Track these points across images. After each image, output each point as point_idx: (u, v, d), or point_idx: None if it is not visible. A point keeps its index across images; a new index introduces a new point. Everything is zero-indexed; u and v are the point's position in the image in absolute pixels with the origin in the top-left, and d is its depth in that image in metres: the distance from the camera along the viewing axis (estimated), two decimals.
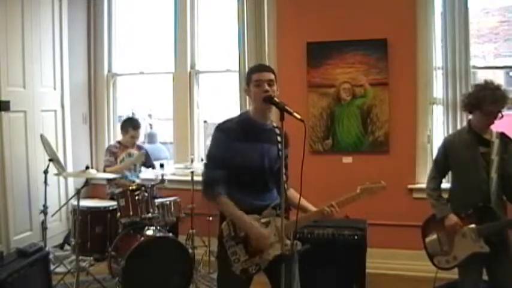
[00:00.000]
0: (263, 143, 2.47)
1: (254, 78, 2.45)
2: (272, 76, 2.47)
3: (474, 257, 2.84)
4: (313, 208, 2.50)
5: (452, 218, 2.89)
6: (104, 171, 4.48)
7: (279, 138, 2.49)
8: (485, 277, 2.97)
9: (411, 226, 3.55)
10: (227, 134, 2.45)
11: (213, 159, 2.47)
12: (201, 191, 2.50)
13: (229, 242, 2.41)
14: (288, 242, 2.35)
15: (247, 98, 4.19)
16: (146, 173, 4.66)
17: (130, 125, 4.66)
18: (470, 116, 2.98)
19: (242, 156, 2.43)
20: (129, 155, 4.66)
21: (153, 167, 4.73)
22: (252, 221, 2.38)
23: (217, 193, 2.41)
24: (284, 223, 2.29)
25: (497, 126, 2.95)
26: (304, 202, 2.47)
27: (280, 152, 2.47)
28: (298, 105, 3.97)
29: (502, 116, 2.85)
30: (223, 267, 2.47)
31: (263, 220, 2.43)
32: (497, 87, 2.84)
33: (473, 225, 2.84)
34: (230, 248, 2.40)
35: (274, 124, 2.55)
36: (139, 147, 4.85)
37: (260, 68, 2.55)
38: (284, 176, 2.35)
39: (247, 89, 2.52)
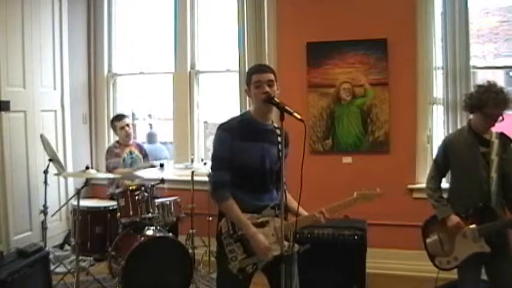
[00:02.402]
0: (264, 143, 2.47)
1: (254, 79, 2.45)
2: (272, 76, 2.47)
3: (474, 257, 2.84)
4: (305, 213, 2.49)
5: (454, 219, 2.89)
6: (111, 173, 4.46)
7: (279, 139, 2.49)
8: (484, 276, 2.97)
9: (411, 226, 3.55)
10: (230, 133, 2.45)
11: (220, 160, 2.46)
12: (210, 193, 2.48)
13: (228, 239, 2.41)
14: (286, 243, 2.36)
15: (248, 98, 4.21)
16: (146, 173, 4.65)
17: (114, 119, 4.73)
18: (471, 116, 2.97)
19: (243, 155, 2.43)
20: (130, 152, 4.66)
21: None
22: (255, 229, 2.38)
23: (226, 196, 2.42)
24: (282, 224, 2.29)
25: (496, 126, 2.94)
26: (300, 210, 2.44)
27: (280, 153, 2.47)
28: (298, 105, 3.99)
29: (503, 119, 2.85)
30: (222, 266, 2.47)
31: (259, 220, 2.43)
32: (501, 90, 2.83)
33: (474, 225, 2.84)
34: (228, 245, 2.40)
35: (276, 125, 2.55)
36: (140, 147, 4.85)
37: (259, 68, 2.54)
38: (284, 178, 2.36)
39: (247, 89, 2.52)
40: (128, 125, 4.70)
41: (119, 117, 4.73)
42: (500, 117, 2.84)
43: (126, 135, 4.67)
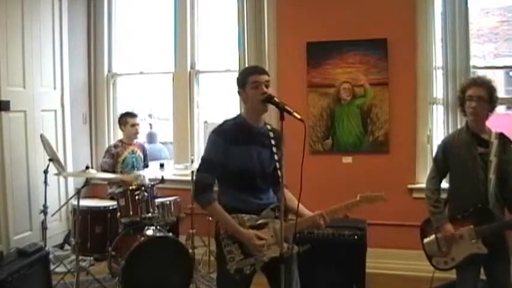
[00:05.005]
0: (256, 145, 2.48)
1: (251, 80, 2.44)
2: (268, 77, 2.48)
3: (472, 257, 2.83)
4: (308, 212, 2.50)
5: (448, 229, 2.88)
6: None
7: (272, 142, 2.51)
8: (482, 277, 2.96)
9: (411, 226, 3.55)
10: (224, 137, 2.44)
11: (208, 164, 2.46)
12: (193, 196, 2.50)
13: (226, 240, 2.41)
14: (285, 244, 2.36)
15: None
16: (146, 172, 4.65)
17: (127, 115, 4.72)
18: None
19: (236, 159, 2.43)
20: (133, 152, 4.66)
21: (147, 166, 4.77)
22: (246, 227, 2.39)
23: (210, 199, 2.43)
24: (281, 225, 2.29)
25: (497, 126, 2.94)
26: (301, 208, 2.45)
27: (275, 155, 2.49)
28: (298, 105, 3.98)
29: (492, 109, 2.85)
30: (221, 266, 2.47)
31: (260, 221, 2.43)
32: (479, 76, 2.86)
33: (471, 226, 2.84)
34: (226, 246, 2.41)
35: (269, 127, 2.56)
36: (142, 147, 4.86)
37: (257, 70, 2.54)
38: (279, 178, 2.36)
39: (241, 91, 2.51)
40: (138, 124, 4.74)
41: (132, 114, 4.74)
42: (487, 106, 2.82)
43: (135, 133, 4.70)
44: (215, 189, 2.50)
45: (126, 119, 4.69)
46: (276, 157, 2.49)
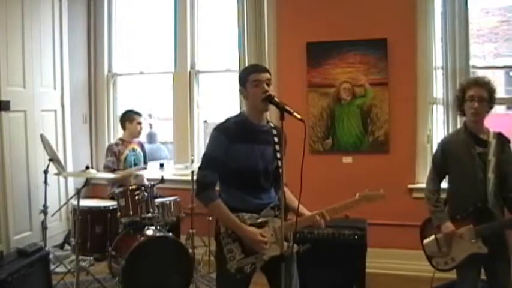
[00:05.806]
0: (259, 144, 2.46)
1: (252, 78, 2.42)
2: (269, 76, 2.46)
3: (472, 257, 2.83)
4: (307, 212, 2.49)
5: (449, 227, 2.88)
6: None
7: (275, 139, 2.49)
8: (483, 276, 2.96)
9: (411, 226, 3.55)
10: (226, 135, 2.42)
11: (209, 160, 2.44)
12: (196, 193, 2.46)
13: (226, 239, 2.41)
14: (285, 243, 2.35)
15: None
16: (146, 173, 4.64)
17: (134, 112, 4.70)
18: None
19: (239, 157, 2.41)
20: (133, 149, 4.65)
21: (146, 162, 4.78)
22: (247, 225, 2.38)
23: (212, 197, 2.41)
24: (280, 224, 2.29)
25: (496, 126, 2.94)
26: (300, 208, 2.43)
27: (277, 153, 2.47)
28: (298, 105, 3.99)
29: (490, 109, 2.85)
30: (221, 266, 2.46)
31: (260, 220, 2.43)
32: (479, 77, 2.88)
33: (471, 226, 2.84)
34: (226, 245, 2.40)
35: (271, 124, 2.55)
36: (142, 145, 4.86)
37: (257, 68, 2.52)
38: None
39: (242, 89, 2.49)
40: (142, 123, 4.76)
41: (138, 113, 4.73)
42: (487, 107, 2.82)
43: (139, 131, 4.71)
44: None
45: (134, 116, 4.67)
46: (278, 155, 2.48)
